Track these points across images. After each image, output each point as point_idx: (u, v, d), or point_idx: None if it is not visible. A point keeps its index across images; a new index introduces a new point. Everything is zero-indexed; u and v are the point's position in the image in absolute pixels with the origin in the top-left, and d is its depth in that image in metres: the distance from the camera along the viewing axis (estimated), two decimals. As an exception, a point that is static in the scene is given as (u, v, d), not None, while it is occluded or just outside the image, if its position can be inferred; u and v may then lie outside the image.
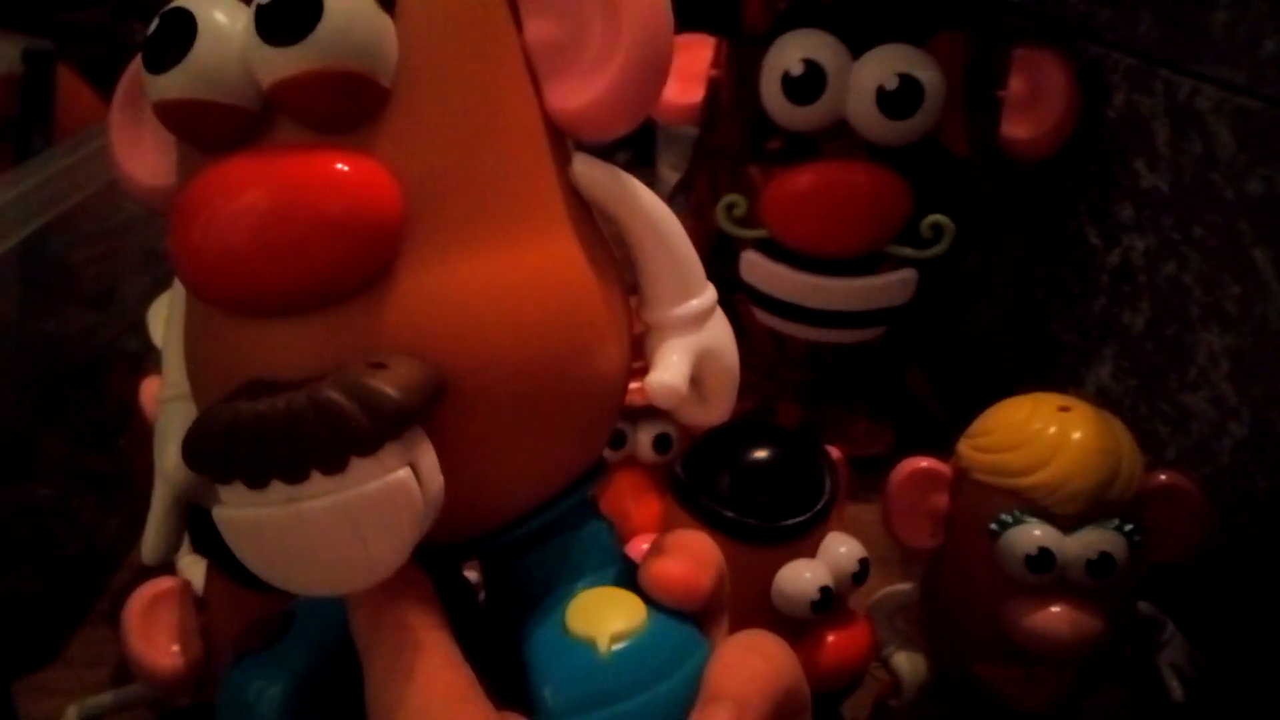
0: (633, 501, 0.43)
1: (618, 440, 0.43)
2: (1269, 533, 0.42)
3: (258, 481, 0.19)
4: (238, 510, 0.19)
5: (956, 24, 0.51)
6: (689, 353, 0.24)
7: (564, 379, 0.22)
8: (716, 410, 0.25)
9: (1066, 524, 0.33)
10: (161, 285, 0.47)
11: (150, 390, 0.43)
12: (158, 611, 0.35)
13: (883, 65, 0.49)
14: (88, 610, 0.48)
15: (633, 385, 0.24)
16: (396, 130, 0.20)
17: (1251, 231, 0.43)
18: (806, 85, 0.50)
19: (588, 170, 0.23)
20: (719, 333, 0.24)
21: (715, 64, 0.55)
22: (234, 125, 0.20)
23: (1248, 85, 0.42)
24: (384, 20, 0.20)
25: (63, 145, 0.47)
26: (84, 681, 0.44)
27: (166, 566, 0.41)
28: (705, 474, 0.37)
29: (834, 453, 0.39)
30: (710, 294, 0.24)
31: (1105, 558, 0.33)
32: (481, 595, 0.25)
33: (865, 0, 0.50)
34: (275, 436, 0.18)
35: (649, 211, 0.23)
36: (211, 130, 0.20)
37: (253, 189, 0.19)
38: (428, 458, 0.20)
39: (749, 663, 0.22)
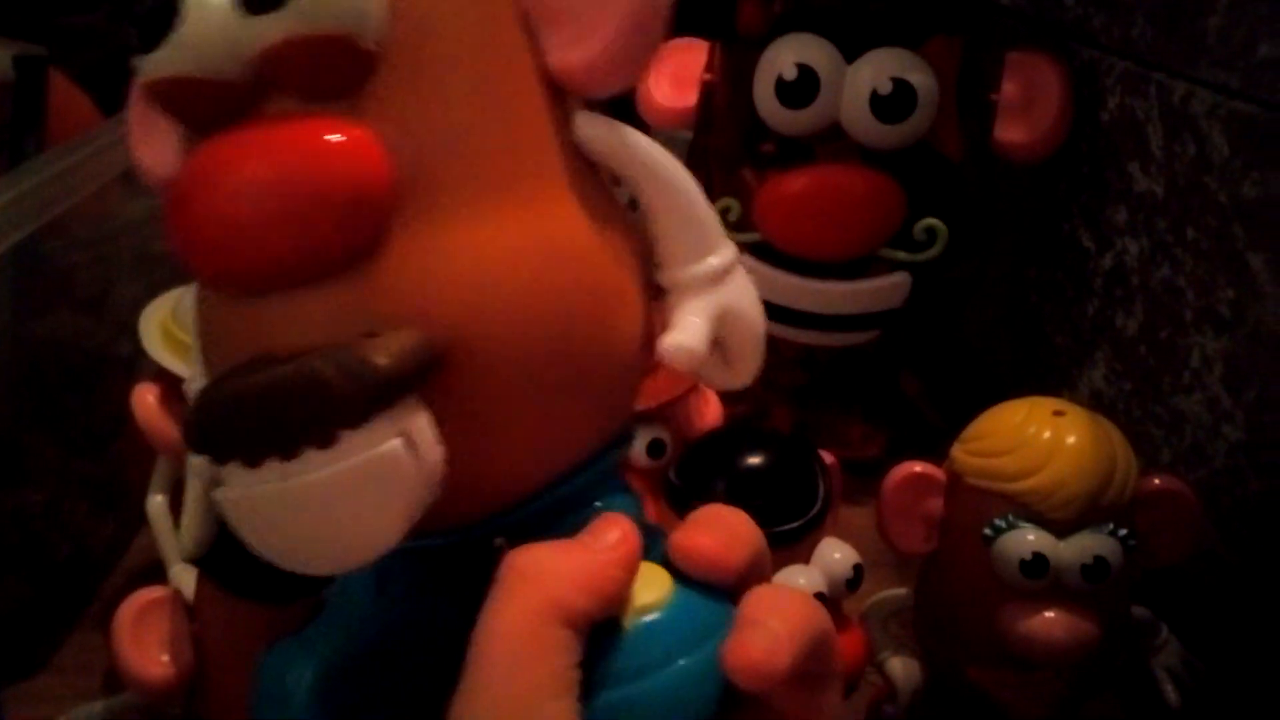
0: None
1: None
2: (1263, 536, 0.42)
3: (252, 460, 0.19)
4: (236, 491, 0.19)
5: (950, 28, 0.51)
6: (708, 313, 0.23)
7: (573, 347, 0.21)
8: (742, 372, 0.24)
9: (1061, 529, 0.33)
10: (155, 290, 0.47)
11: (143, 395, 0.42)
12: (148, 620, 0.35)
13: (876, 69, 0.49)
14: (78, 617, 0.48)
15: None
16: (386, 95, 0.20)
17: (1245, 235, 0.43)
18: (800, 89, 0.50)
19: (590, 128, 0.22)
20: (741, 291, 0.23)
21: (709, 68, 0.55)
22: (223, 100, 0.20)
23: (1241, 89, 0.42)
24: None
25: (55, 150, 0.47)
26: (74, 689, 0.43)
27: (158, 576, 0.41)
28: (699, 479, 0.37)
29: (828, 458, 0.39)
30: (729, 251, 0.23)
31: (1100, 562, 0.33)
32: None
33: (859, 4, 0.50)
34: (263, 411, 0.18)
35: (658, 166, 0.22)
36: (201, 107, 0.20)
37: (240, 164, 0.19)
38: (422, 427, 0.19)
39: (784, 596, 0.22)
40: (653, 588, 0.21)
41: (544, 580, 0.20)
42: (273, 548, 0.20)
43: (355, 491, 0.19)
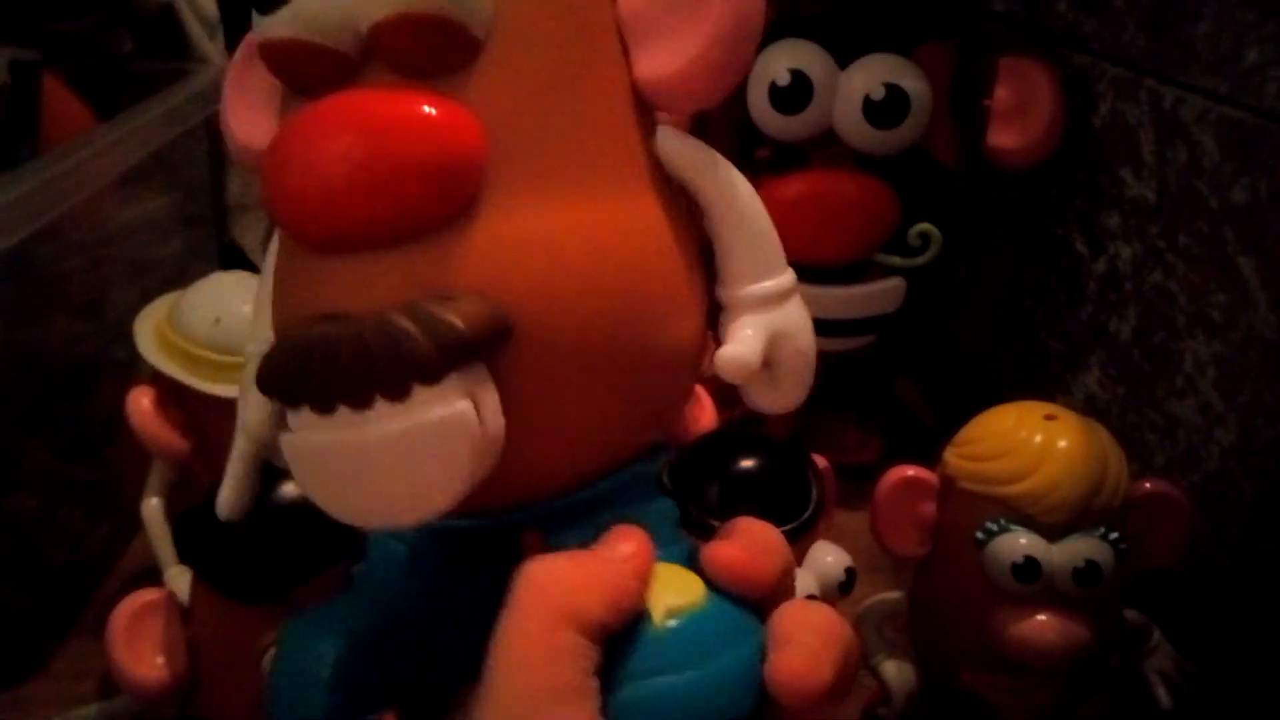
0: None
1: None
2: (1256, 540, 0.42)
3: (325, 407, 0.19)
4: (305, 435, 0.20)
5: (943, 34, 0.51)
6: (763, 331, 0.23)
7: (631, 342, 0.22)
8: (789, 395, 0.25)
9: (1052, 532, 0.33)
10: (149, 295, 0.47)
11: (138, 400, 0.42)
12: (143, 623, 0.35)
13: (869, 75, 0.49)
14: (74, 622, 0.48)
15: None
16: (485, 79, 0.21)
17: (1236, 240, 0.43)
18: (793, 95, 0.50)
19: (673, 142, 0.23)
20: (796, 316, 0.24)
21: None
22: (331, 67, 0.21)
23: (1231, 95, 0.43)
24: None
25: (49, 155, 0.47)
26: (69, 694, 0.43)
27: (153, 580, 0.41)
28: (692, 483, 0.37)
29: (821, 462, 0.39)
30: (789, 277, 0.24)
31: (1091, 566, 0.33)
32: None
33: (852, 11, 0.50)
34: (343, 359, 0.19)
35: (731, 187, 0.23)
36: (310, 72, 0.21)
37: (343, 128, 0.20)
38: (490, 395, 0.20)
39: (817, 613, 0.22)
40: (685, 591, 0.22)
41: (559, 589, 0.20)
42: (331, 496, 0.20)
43: (422, 447, 0.19)
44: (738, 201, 0.24)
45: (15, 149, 0.51)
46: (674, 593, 0.22)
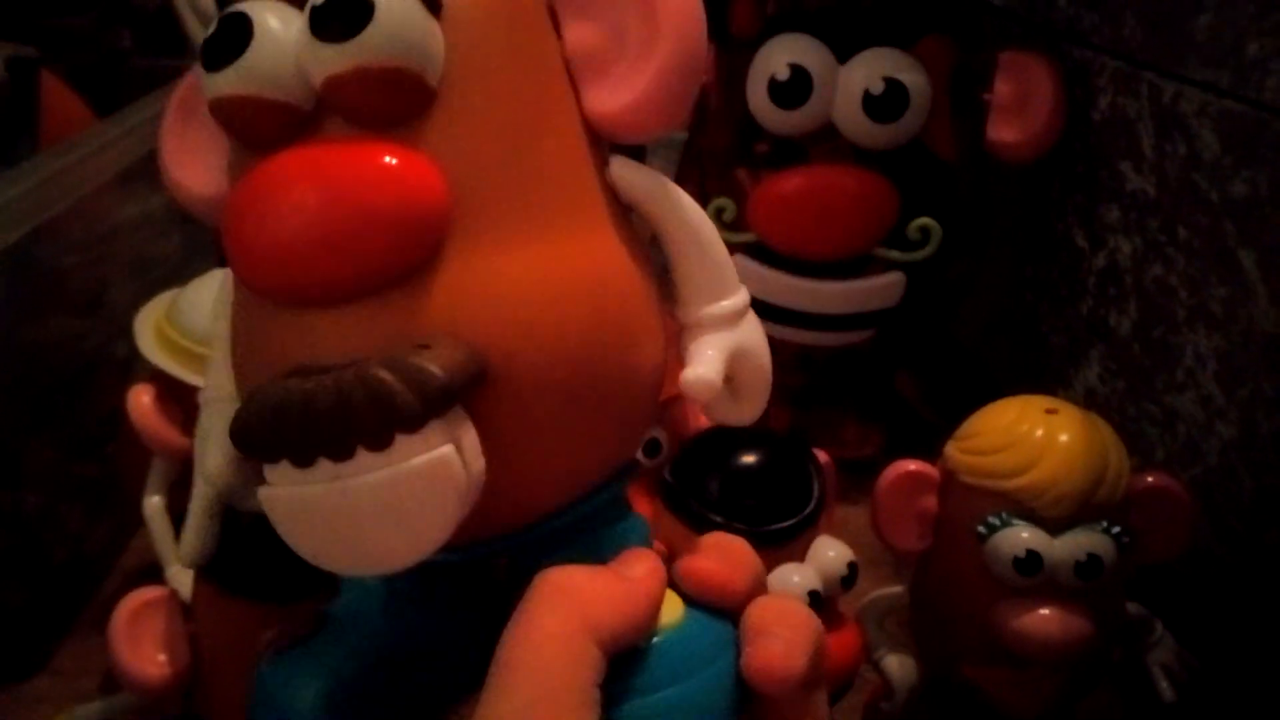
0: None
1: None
2: (1257, 532, 0.42)
3: (304, 460, 0.19)
4: (284, 489, 0.20)
5: (942, 28, 0.51)
6: (723, 350, 0.24)
7: (601, 373, 0.22)
8: (749, 408, 0.25)
9: (1054, 526, 0.33)
10: (149, 292, 0.47)
11: (138, 397, 0.42)
12: (145, 621, 0.35)
13: (869, 69, 0.49)
14: (76, 619, 0.48)
15: None
16: (442, 127, 0.21)
17: (1236, 233, 0.43)
18: (793, 90, 0.50)
19: (626, 172, 0.23)
20: (752, 333, 0.25)
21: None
22: (286, 122, 0.21)
23: (1231, 88, 0.43)
24: (431, 23, 0.20)
25: (48, 152, 0.47)
26: (72, 691, 0.43)
27: (155, 577, 0.41)
28: (694, 478, 0.37)
29: (822, 456, 0.39)
30: (743, 295, 0.25)
31: (1093, 559, 0.33)
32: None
33: (851, 5, 0.50)
34: (323, 413, 0.19)
35: (685, 213, 0.24)
36: (264, 126, 0.21)
37: (303, 181, 0.20)
38: (470, 437, 0.20)
39: (787, 606, 0.23)
40: (668, 609, 0.22)
41: (582, 597, 0.21)
42: (317, 548, 0.20)
43: (407, 493, 0.19)
44: (691, 225, 0.24)
45: (14, 146, 0.52)
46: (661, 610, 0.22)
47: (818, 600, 0.36)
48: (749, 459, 0.37)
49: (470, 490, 0.20)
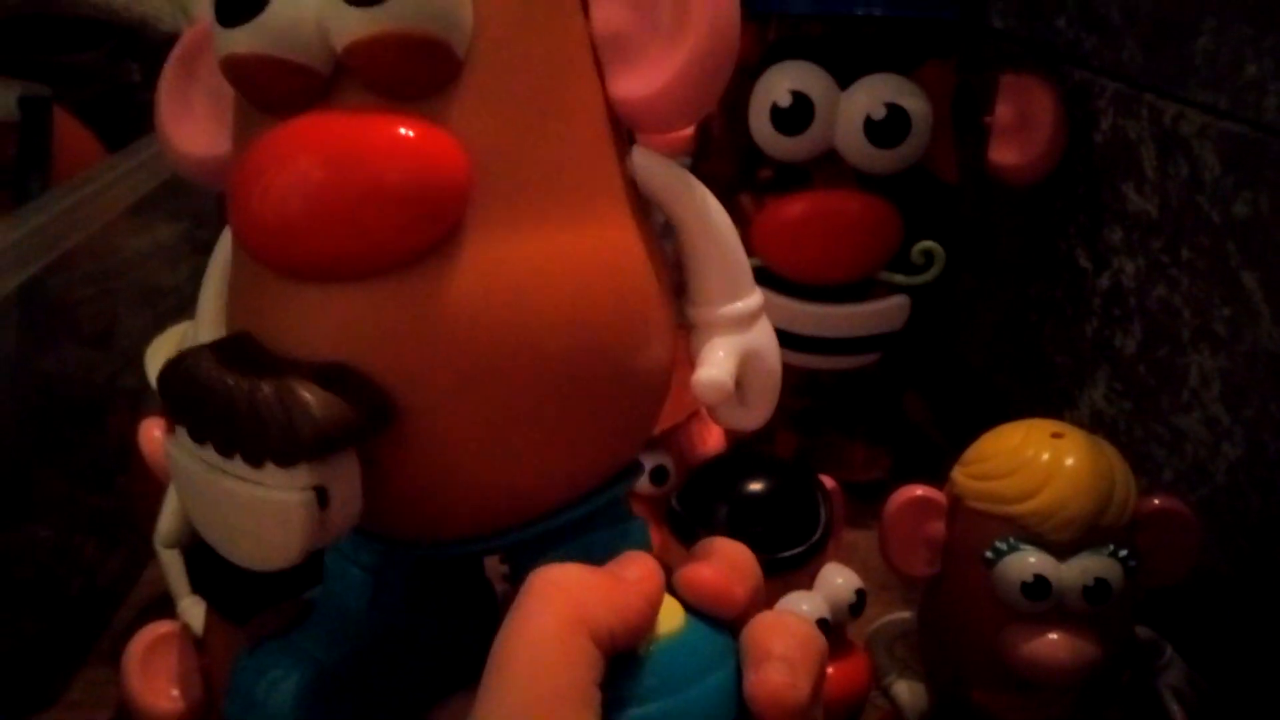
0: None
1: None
2: (1265, 553, 0.42)
3: (198, 437, 0.19)
4: (177, 451, 0.20)
5: (943, 52, 0.51)
6: (735, 352, 0.23)
7: (610, 366, 0.21)
8: (757, 413, 0.25)
9: (1061, 551, 0.33)
10: (160, 324, 0.47)
11: (149, 429, 0.43)
12: (158, 655, 0.35)
13: (870, 95, 0.49)
14: (89, 651, 0.48)
15: None
16: (466, 102, 0.20)
17: (1239, 253, 0.43)
18: (795, 116, 0.50)
19: (647, 163, 0.23)
20: (764, 336, 0.24)
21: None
22: (302, 86, 0.20)
23: (1231, 109, 0.43)
24: None
25: (61, 188, 0.48)
26: (85, 724, 0.43)
27: (167, 609, 0.41)
28: (701, 506, 0.38)
29: (829, 483, 0.39)
30: (757, 297, 0.24)
31: (1101, 584, 0.33)
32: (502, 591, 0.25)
33: (852, 31, 0.51)
34: (212, 411, 0.19)
35: (705, 208, 0.23)
36: (279, 90, 0.20)
37: (315, 149, 0.19)
38: (343, 487, 0.19)
39: (790, 624, 0.22)
40: (668, 618, 0.22)
41: (577, 593, 0.20)
42: (196, 517, 0.20)
43: (261, 514, 0.19)
44: (711, 222, 0.23)
45: (26, 183, 0.52)
46: (660, 618, 0.22)
47: (825, 628, 0.36)
48: (756, 486, 0.38)
49: (327, 531, 0.19)
